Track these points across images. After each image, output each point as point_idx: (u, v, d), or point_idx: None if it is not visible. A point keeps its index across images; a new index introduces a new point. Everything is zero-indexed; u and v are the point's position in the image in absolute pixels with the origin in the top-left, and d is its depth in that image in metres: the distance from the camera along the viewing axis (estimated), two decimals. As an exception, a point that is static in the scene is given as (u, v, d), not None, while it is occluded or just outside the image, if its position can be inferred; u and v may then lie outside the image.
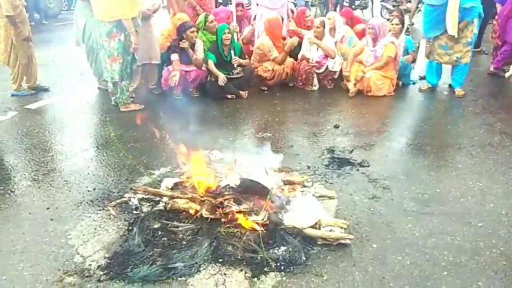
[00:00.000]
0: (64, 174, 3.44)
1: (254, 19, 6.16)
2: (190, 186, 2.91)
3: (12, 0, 5.10)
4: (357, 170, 3.46)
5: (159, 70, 5.49)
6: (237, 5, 6.23)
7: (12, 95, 5.53)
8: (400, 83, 5.71)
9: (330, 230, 2.51)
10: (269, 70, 5.59)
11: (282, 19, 5.88)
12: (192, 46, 5.16)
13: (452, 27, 4.98)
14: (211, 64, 5.24)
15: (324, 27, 5.59)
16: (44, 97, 5.46)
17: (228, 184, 2.75)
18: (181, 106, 5.08)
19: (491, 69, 6.20)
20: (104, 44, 4.62)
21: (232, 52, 5.39)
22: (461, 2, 4.90)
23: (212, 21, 5.56)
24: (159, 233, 2.59)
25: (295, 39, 5.56)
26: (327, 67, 5.68)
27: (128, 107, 4.87)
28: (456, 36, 5.03)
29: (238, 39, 5.98)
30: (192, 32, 5.12)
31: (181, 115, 4.82)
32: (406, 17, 10.27)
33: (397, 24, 5.44)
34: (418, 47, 6.19)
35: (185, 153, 3.17)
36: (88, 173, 3.46)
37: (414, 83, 5.86)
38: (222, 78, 5.19)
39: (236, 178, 2.77)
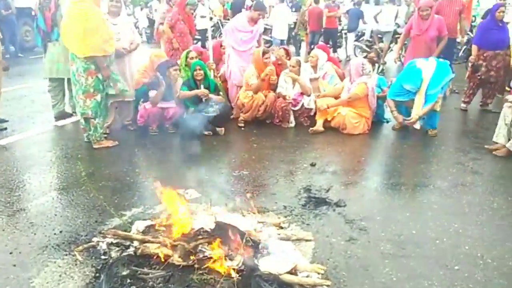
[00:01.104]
0: (30, 215, 3.29)
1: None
2: (163, 229, 2.80)
3: None
4: (334, 210, 3.43)
5: (135, 106, 5.45)
6: (220, 45, 6.49)
7: None
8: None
9: (307, 276, 2.44)
10: (248, 96, 5.66)
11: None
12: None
13: (415, 113, 5.19)
14: (184, 92, 5.25)
15: (299, 66, 5.72)
16: (15, 132, 5.29)
17: (203, 228, 2.66)
18: (156, 142, 5.01)
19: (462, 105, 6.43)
20: (80, 79, 4.55)
21: (202, 87, 5.44)
22: (427, 90, 5.13)
23: (192, 58, 5.62)
24: (128, 280, 2.46)
25: (272, 68, 5.64)
26: (302, 105, 5.76)
27: (101, 143, 4.76)
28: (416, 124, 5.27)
29: (215, 76, 6.04)
30: (175, 70, 5.16)
31: (156, 152, 4.76)
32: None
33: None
34: (391, 84, 6.35)
35: (160, 192, 3.07)
36: (56, 214, 3.31)
37: (387, 122, 5.97)
38: (200, 92, 5.20)
39: (211, 221, 2.69)
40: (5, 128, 5.46)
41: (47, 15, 5.48)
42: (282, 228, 3.02)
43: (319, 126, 5.49)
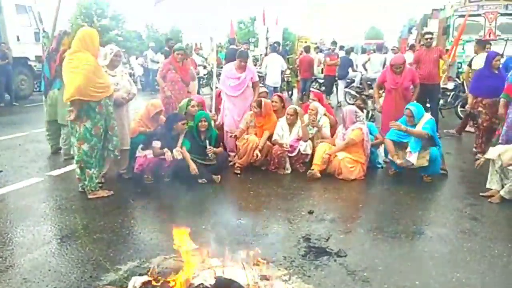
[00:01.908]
0: (23, 271, 3.18)
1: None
2: (161, 285, 2.72)
3: None
4: (335, 260, 3.38)
5: (130, 154, 5.45)
6: (219, 94, 6.66)
7: None
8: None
9: (311, 333, 2.36)
10: (244, 139, 5.74)
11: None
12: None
13: (415, 159, 5.28)
14: (185, 151, 5.25)
15: (297, 114, 5.82)
16: (8, 183, 5.22)
17: (202, 284, 2.59)
18: (152, 191, 4.97)
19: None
20: (75, 127, 4.58)
21: (207, 141, 5.46)
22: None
23: (193, 106, 5.69)
24: None
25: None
26: (299, 151, 5.80)
27: (96, 194, 4.70)
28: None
29: (215, 126, 6.14)
30: (183, 124, 5.24)
31: (151, 201, 4.70)
32: (369, 102, 10.91)
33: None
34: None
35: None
36: (49, 270, 3.20)
37: (382, 167, 6.02)
38: (193, 168, 5.18)
39: (210, 276, 2.63)
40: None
41: (52, 66, 6.20)
42: (283, 281, 2.95)
43: (316, 171, 5.51)
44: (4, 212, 4.35)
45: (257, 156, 5.66)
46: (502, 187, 4.67)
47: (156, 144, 5.16)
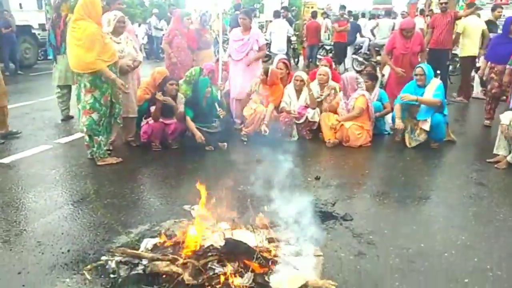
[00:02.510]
0: (37, 235, 3.26)
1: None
2: (172, 247, 2.80)
3: None
4: (341, 224, 3.43)
5: (137, 122, 5.47)
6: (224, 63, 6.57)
7: None
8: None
9: (318, 292, 2.43)
10: (251, 110, 5.71)
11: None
12: (174, 99, 5.19)
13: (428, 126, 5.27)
14: (188, 120, 5.25)
15: (303, 80, 5.77)
16: (18, 150, 5.29)
17: (212, 245, 2.66)
18: (160, 158, 5.02)
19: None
20: (81, 94, 4.59)
21: (216, 105, 5.45)
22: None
23: (172, 84, 5.27)
24: (139, 299, 2.45)
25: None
26: (306, 118, 5.79)
27: (105, 160, 4.76)
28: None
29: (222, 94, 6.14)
30: (172, 84, 5.16)
31: (159, 168, 4.76)
32: (377, 69, 10.76)
33: (366, 82, 5.76)
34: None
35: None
36: (62, 233, 3.29)
37: (389, 134, 6.01)
38: (198, 136, 5.19)
39: (220, 238, 2.69)
40: (3, 143, 5.53)
41: (57, 32, 6.39)
42: (290, 243, 3.01)
43: (333, 139, 5.54)
44: (15, 179, 4.42)
45: (264, 131, 5.63)
46: (510, 153, 4.66)
47: (152, 108, 5.15)
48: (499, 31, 7.51)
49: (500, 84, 6.26)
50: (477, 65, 8.18)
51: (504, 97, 6.20)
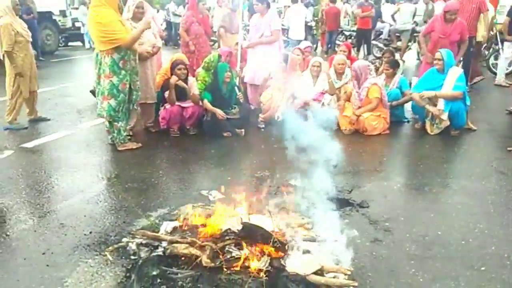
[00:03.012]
0: (60, 217, 3.38)
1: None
2: (190, 230, 2.86)
3: (13, 36, 5.41)
4: (357, 211, 3.45)
5: (156, 108, 5.54)
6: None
7: (5, 129, 5.61)
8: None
9: (334, 277, 2.46)
10: (268, 95, 5.73)
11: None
12: (185, 82, 5.23)
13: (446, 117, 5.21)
14: (206, 103, 5.29)
15: (320, 66, 5.74)
16: (41, 135, 5.43)
17: (230, 228, 2.71)
18: (178, 144, 5.09)
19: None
20: (100, 80, 4.67)
21: (237, 89, 5.47)
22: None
23: (180, 69, 5.24)
24: (158, 280, 2.52)
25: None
26: (323, 104, 5.77)
27: (125, 146, 4.85)
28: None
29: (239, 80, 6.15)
30: (179, 69, 5.19)
31: (178, 153, 4.83)
32: (397, 55, 10.58)
33: (386, 70, 5.67)
34: (411, 83, 6.33)
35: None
36: (85, 216, 3.39)
37: (408, 121, 5.95)
38: (219, 112, 5.22)
39: (237, 222, 2.74)
40: (26, 128, 5.71)
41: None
42: (307, 229, 3.04)
43: (349, 128, 5.52)
44: (38, 163, 4.55)
45: (278, 118, 5.63)
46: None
47: (166, 93, 5.21)
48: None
49: None
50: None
51: None
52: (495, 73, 8.69)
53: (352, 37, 12.56)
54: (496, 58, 8.95)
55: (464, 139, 5.22)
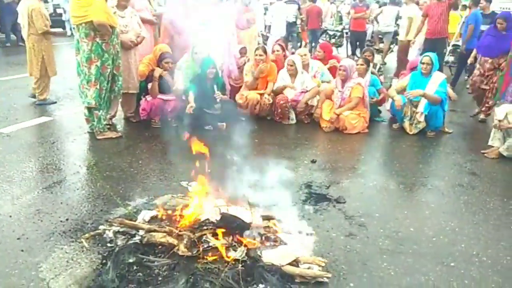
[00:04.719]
0: (36, 203, 3.34)
1: None
2: (168, 220, 2.87)
3: (44, 17, 5.96)
4: (334, 206, 3.51)
5: (137, 98, 5.50)
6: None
7: (39, 104, 6.07)
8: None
9: (308, 268, 2.52)
10: (243, 97, 5.79)
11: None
12: (171, 75, 5.21)
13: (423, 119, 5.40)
14: (191, 95, 5.27)
15: (295, 65, 5.76)
16: (18, 121, 5.33)
17: (208, 219, 2.73)
18: (159, 135, 5.07)
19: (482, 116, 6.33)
20: (84, 69, 4.61)
21: (215, 86, 5.45)
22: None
23: (167, 62, 5.33)
24: (134, 268, 2.52)
25: (264, 66, 5.74)
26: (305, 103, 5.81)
27: (104, 135, 4.81)
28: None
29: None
30: (167, 62, 5.17)
31: (158, 144, 4.81)
32: (379, 57, 10.74)
33: (361, 65, 5.81)
34: (390, 85, 6.44)
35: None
36: (61, 203, 3.36)
37: (383, 121, 6.08)
38: (190, 106, 5.15)
39: (216, 213, 2.76)
40: (55, 102, 6.24)
41: None
42: (283, 222, 3.09)
43: (329, 126, 5.59)
44: (14, 149, 4.48)
45: (267, 103, 5.70)
46: (504, 144, 4.72)
47: (149, 86, 5.19)
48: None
49: (481, 74, 6.21)
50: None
51: (487, 87, 6.17)
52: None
53: (336, 37, 12.68)
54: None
55: (439, 141, 5.36)
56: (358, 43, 11.28)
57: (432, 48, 7.36)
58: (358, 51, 11.28)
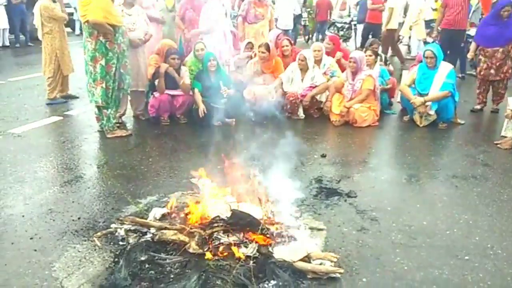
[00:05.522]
0: (48, 202, 3.36)
1: None
2: (179, 217, 2.87)
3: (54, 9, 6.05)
4: (345, 200, 3.48)
5: (146, 96, 5.51)
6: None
7: (48, 104, 6.06)
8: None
9: (320, 264, 2.50)
10: (251, 91, 5.75)
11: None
12: (177, 71, 5.20)
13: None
14: (197, 93, 5.26)
15: (306, 60, 5.70)
16: (29, 121, 5.37)
17: (219, 216, 2.73)
18: (168, 132, 5.08)
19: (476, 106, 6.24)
20: (90, 68, 4.63)
21: (221, 82, 5.43)
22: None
23: (198, 50, 5.53)
24: (146, 265, 2.53)
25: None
26: (313, 97, 5.77)
27: (114, 133, 4.83)
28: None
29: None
30: (173, 58, 5.16)
31: (168, 141, 4.82)
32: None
33: (370, 56, 5.71)
34: (401, 75, 6.38)
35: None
36: (73, 202, 3.39)
37: (394, 113, 6.02)
38: (201, 109, 5.16)
39: (227, 210, 2.76)
40: (66, 101, 6.28)
41: None
42: (295, 217, 3.07)
43: (338, 120, 5.54)
44: (25, 148, 4.51)
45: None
46: (518, 135, 4.65)
47: (156, 82, 5.19)
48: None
49: (489, 66, 5.95)
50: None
51: (498, 78, 5.97)
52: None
53: (344, 29, 12.56)
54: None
55: (451, 132, 5.29)
56: (371, 35, 11.03)
57: (448, 39, 7.21)
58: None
